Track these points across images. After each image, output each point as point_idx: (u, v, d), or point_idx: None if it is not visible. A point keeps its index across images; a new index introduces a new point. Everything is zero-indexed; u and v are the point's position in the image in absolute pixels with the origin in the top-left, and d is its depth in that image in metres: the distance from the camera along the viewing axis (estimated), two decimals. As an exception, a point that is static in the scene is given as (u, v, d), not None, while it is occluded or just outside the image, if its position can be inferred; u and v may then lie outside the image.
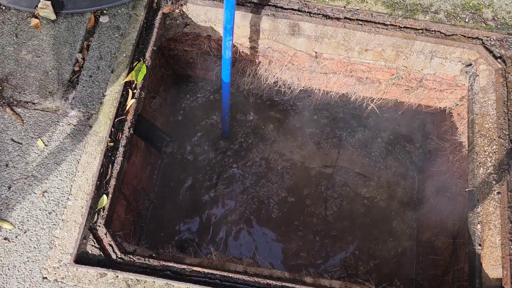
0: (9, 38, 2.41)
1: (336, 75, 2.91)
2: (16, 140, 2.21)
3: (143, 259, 2.02)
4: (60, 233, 2.05)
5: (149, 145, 3.04)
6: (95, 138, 2.21)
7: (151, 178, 3.33)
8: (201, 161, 3.56)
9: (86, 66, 2.36)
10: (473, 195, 2.21)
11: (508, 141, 2.25)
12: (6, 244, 2.03)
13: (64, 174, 2.15)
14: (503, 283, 1.98)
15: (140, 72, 2.32)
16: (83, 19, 2.46)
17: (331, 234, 3.37)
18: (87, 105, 2.28)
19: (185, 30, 2.69)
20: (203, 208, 3.43)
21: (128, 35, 2.42)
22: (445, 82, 2.79)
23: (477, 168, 2.25)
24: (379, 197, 3.49)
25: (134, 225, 2.94)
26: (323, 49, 2.65)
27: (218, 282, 1.99)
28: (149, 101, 2.98)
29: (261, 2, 2.50)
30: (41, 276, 1.98)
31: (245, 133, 3.62)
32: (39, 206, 2.09)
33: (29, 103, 2.29)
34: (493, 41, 2.46)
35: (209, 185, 3.49)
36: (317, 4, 2.51)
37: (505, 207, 2.11)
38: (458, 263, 2.48)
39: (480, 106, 2.38)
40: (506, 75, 2.39)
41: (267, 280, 1.99)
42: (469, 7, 2.56)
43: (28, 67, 2.35)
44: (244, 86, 3.22)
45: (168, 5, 2.50)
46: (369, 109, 3.29)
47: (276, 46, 2.71)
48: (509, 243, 2.04)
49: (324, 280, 2.02)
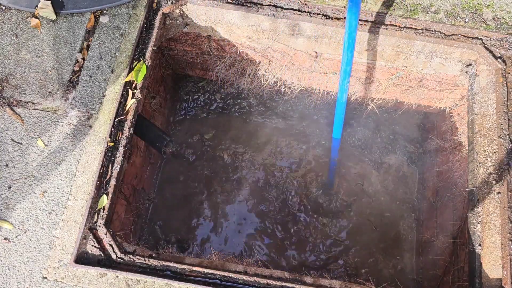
0: (9, 38, 2.41)
1: (336, 75, 2.91)
2: (16, 140, 2.21)
3: (143, 259, 2.02)
4: (60, 233, 2.05)
5: (149, 145, 3.05)
6: (95, 138, 2.21)
7: (151, 178, 3.34)
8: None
9: (86, 66, 2.36)
10: (473, 195, 2.21)
11: (508, 141, 2.25)
12: (6, 244, 2.03)
13: (64, 174, 2.15)
14: (503, 283, 1.98)
15: (140, 72, 2.32)
16: (83, 19, 2.46)
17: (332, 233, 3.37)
18: (87, 105, 2.28)
19: (185, 30, 2.69)
20: (203, 208, 3.43)
21: (128, 35, 2.42)
22: (445, 82, 2.79)
23: (477, 168, 2.25)
24: (379, 196, 3.49)
25: (134, 225, 2.94)
26: (323, 49, 2.66)
27: (218, 282, 1.99)
28: (149, 101, 2.97)
29: (261, 2, 2.50)
30: (41, 276, 1.98)
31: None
32: (39, 206, 2.09)
33: (29, 103, 2.29)
34: (493, 41, 2.46)
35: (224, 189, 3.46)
36: (317, 4, 2.51)
37: (505, 207, 2.10)
38: (458, 263, 2.48)
39: (480, 106, 2.38)
40: (506, 75, 2.39)
41: (267, 280, 1.99)
42: (469, 7, 2.56)
43: (28, 67, 2.36)
44: (244, 86, 3.23)
45: (168, 5, 2.50)
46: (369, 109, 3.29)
47: (276, 46, 2.71)
48: (509, 243, 2.04)
49: (324, 280, 2.02)
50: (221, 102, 3.75)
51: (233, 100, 3.75)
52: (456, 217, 2.70)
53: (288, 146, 3.62)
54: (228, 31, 2.66)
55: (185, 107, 3.72)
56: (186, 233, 3.35)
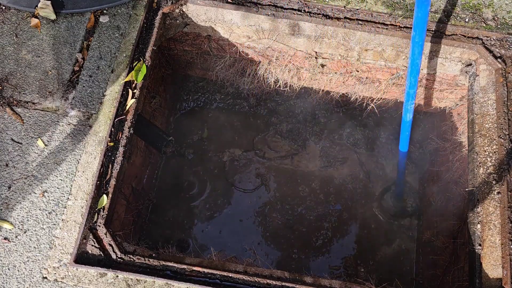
0: (9, 38, 2.41)
1: (336, 75, 2.91)
2: (16, 140, 2.21)
3: (143, 259, 2.02)
4: (60, 233, 2.05)
5: (149, 145, 3.05)
6: (95, 138, 2.21)
7: (151, 178, 3.34)
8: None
9: (86, 66, 2.36)
10: (473, 195, 2.21)
11: (508, 141, 2.25)
12: (6, 244, 2.03)
13: (64, 174, 2.15)
14: (503, 283, 1.98)
15: (140, 72, 2.32)
16: (83, 19, 2.46)
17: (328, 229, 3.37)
18: (87, 105, 2.28)
19: (185, 30, 2.69)
20: (203, 208, 3.43)
21: (128, 35, 2.42)
22: (445, 82, 2.79)
23: (477, 168, 2.25)
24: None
25: (134, 225, 2.94)
26: (323, 49, 2.66)
27: (218, 282, 1.99)
28: (149, 101, 2.98)
29: (261, 2, 2.50)
30: (41, 276, 1.98)
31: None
32: (39, 206, 2.09)
33: (29, 103, 2.29)
34: (493, 41, 2.46)
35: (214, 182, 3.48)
36: (317, 4, 2.51)
37: (505, 207, 2.10)
38: (458, 263, 2.48)
39: (480, 106, 2.38)
40: (506, 75, 2.39)
41: (267, 280, 1.99)
42: (469, 7, 2.56)
43: (28, 67, 2.35)
44: (244, 86, 3.23)
45: (168, 5, 2.50)
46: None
47: (276, 46, 2.71)
48: (509, 243, 2.04)
49: (324, 280, 2.02)
50: (221, 102, 3.75)
51: (233, 100, 3.75)
52: (456, 217, 2.70)
53: (289, 146, 3.63)
54: (228, 31, 2.66)
55: (185, 107, 3.72)
56: (186, 233, 3.35)
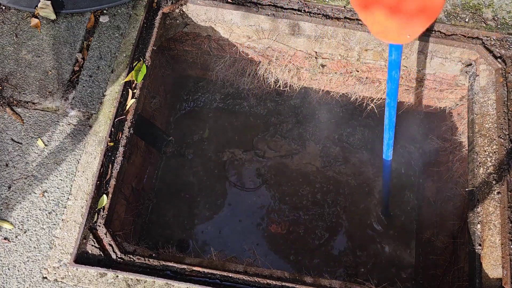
0: (9, 38, 2.41)
1: (336, 75, 2.91)
2: (16, 140, 2.21)
3: (143, 259, 2.02)
4: (60, 233, 2.05)
5: (149, 145, 3.04)
6: (95, 138, 2.21)
7: (151, 178, 3.34)
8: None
9: (86, 66, 2.36)
10: (473, 195, 2.21)
11: (508, 141, 2.25)
12: (6, 244, 2.03)
13: (64, 174, 2.15)
14: (503, 283, 1.98)
15: (140, 72, 2.32)
16: (83, 19, 2.46)
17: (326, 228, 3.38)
18: (87, 105, 2.28)
19: (185, 30, 2.69)
20: (203, 208, 3.43)
21: (128, 35, 2.42)
22: (445, 82, 2.79)
23: (477, 168, 2.25)
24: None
25: (134, 225, 2.94)
26: (323, 49, 2.66)
27: (218, 282, 1.99)
28: (149, 101, 2.97)
29: (261, 2, 2.50)
30: (41, 276, 1.98)
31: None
32: (39, 206, 2.09)
33: (29, 103, 2.29)
34: (493, 41, 2.46)
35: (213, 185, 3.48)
36: (317, 4, 2.51)
37: (505, 207, 2.10)
38: (458, 263, 2.48)
39: (480, 106, 2.38)
40: (506, 75, 2.39)
41: (267, 280, 1.99)
42: (469, 7, 2.56)
43: (28, 67, 2.35)
44: (244, 86, 3.23)
45: (168, 5, 2.50)
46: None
47: (276, 46, 2.71)
48: (509, 243, 2.04)
49: (324, 280, 2.02)
50: (221, 102, 3.75)
51: (233, 100, 3.75)
52: (456, 217, 2.70)
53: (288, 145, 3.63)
54: (228, 31, 2.66)
55: (185, 107, 3.72)
56: (186, 233, 3.35)
